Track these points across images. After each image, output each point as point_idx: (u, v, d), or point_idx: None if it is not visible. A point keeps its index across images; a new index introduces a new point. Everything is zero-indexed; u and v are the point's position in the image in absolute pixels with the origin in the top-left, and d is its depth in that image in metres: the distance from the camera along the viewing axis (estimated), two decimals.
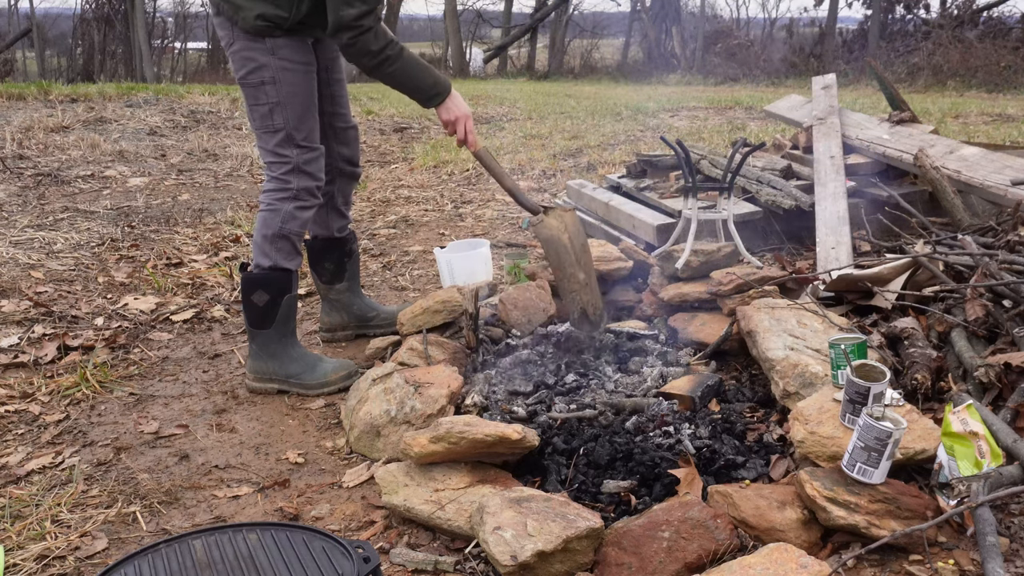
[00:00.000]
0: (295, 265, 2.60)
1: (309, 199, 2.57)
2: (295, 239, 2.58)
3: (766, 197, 3.62)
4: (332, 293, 3.00)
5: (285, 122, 2.48)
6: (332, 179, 2.79)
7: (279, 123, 2.48)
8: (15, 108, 7.96)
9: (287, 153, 2.51)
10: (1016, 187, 3.24)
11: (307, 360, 2.66)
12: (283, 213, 2.53)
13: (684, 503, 1.77)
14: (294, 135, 2.50)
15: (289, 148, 2.51)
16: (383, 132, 8.42)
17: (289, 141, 2.50)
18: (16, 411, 2.54)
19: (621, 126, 8.00)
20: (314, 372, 2.64)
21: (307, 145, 2.53)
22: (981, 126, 7.16)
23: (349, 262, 2.97)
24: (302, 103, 2.49)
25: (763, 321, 2.47)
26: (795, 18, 19.65)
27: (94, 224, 4.59)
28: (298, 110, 2.49)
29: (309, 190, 2.56)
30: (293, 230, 2.56)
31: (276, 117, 2.48)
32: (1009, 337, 2.25)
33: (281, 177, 2.53)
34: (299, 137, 2.51)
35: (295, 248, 2.59)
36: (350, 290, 3.01)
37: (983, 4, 15.42)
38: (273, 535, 1.49)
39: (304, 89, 2.49)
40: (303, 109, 2.50)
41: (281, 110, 2.47)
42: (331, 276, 2.96)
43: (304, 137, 2.52)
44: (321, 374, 2.64)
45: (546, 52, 23.16)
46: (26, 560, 1.81)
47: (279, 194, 2.53)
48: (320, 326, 3.08)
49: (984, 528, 1.63)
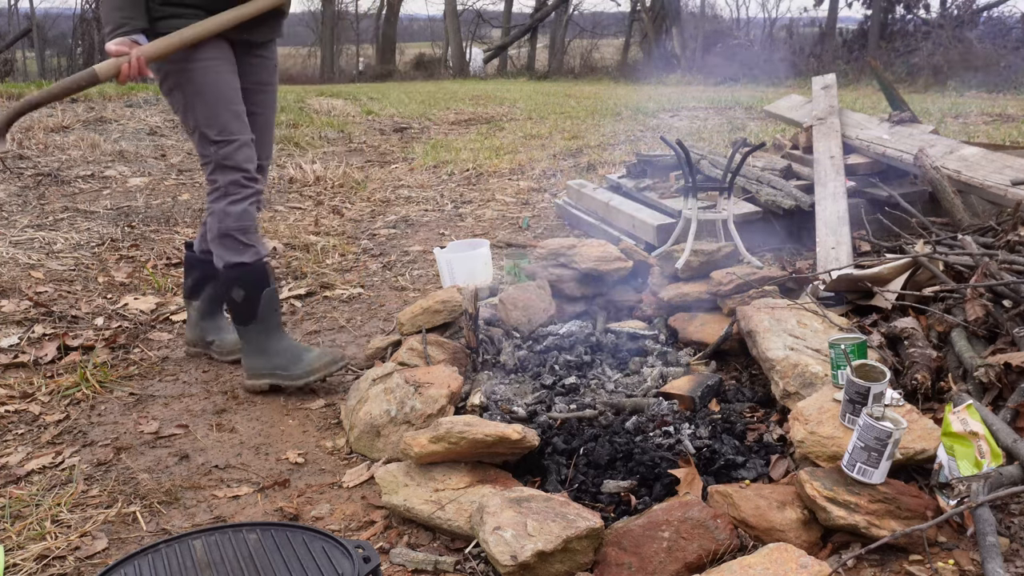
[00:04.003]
0: (249, 258, 2.55)
1: (239, 191, 2.52)
2: (237, 234, 2.53)
3: (766, 197, 3.62)
4: (188, 307, 2.96)
5: (196, 122, 2.47)
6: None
7: (192, 124, 2.48)
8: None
9: (207, 152, 2.50)
10: (1016, 187, 3.24)
11: (292, 352, 2.64)
12: (218, 213, 2.51)
13: (684, 503, 1.77)
14: (207, 132, 2.47)
15: (207, 146, 2.49)
16: (383, 132, 8.42)
17: (204, 140, 2.48)
18: (16, 411, 2.54)
19: (621, 126, 8.00)
20: (299, 363, 2.62)
21: (222, 139, 2.48)
22: (981, 126, 7.16)
23: (209, 285, 2.87)
24: (209, 98, 2.45)
25: (763, 321, 2.47)
26: (795, 18, 19.67)
27: (94, 224, 4.59)
28: (206, 106, 2.46)
29: (236, 182, 2.51)
30: (231, 227, 2.52)
31: (189, 119, 2.48)
32: (1009, 337, 2.25)
33: (209, 178, 2.53)
34: (212, 133, 2.48)
35: (241, 242, 2.54)
36: (200, 310, 2.93)
37: (983, 4, 15.42)
38: (273, 535, 1.49)
39: (210, 81, 2.44)
40: (211, 103, 2.46)
41: (191, 111, 2.46)
42: (189, 291, 2.92)
43: (218, 132, 2.48)
44: (306, 364, 2.61)
45: (546, 52, 23.17)
46: (26, 560, 1.81)
47: (212, 195, 2.53)
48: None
49: (984, 528, 1.63)
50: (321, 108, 9.56)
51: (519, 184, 5.68)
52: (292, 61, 26.68)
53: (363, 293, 3.63)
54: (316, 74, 23.82)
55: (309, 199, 5.45)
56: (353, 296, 3.58)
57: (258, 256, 2.58)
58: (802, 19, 19.48)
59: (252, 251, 2.56)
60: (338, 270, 3.96)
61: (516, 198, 5.32)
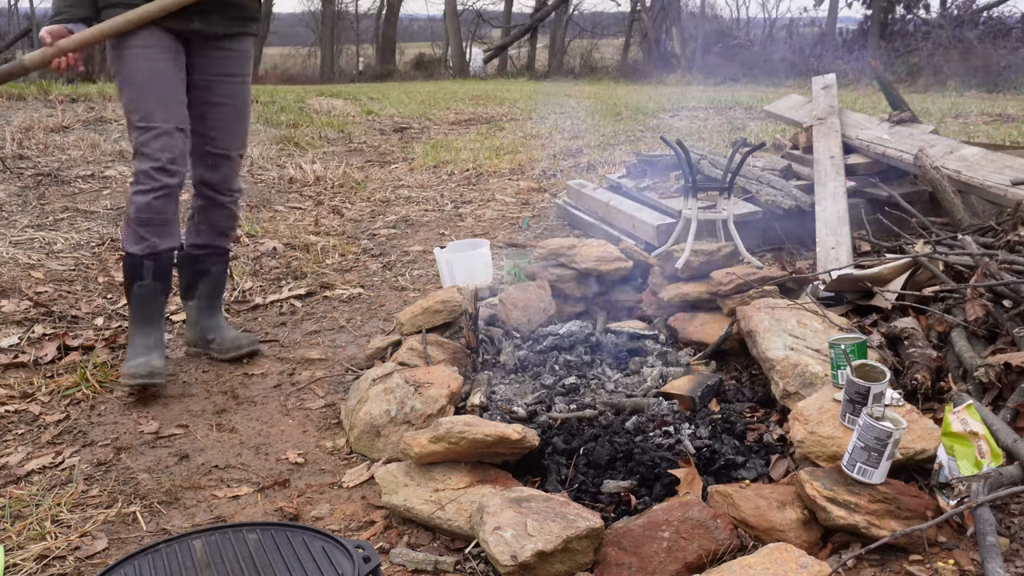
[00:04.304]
0: (140, 251, 2.55)
1: (146, 182, 2.49)
2: (134, 225, 2.52)
3: (766, 197, 3.62)
4: (185, 307, 2.97)
5: (126, 108, 2.48)
6: (198, 198, 2.79)
7: (124, 111, 2.50)
8: (15, 108, 7.96)
9: (132, 139, 2.51)
10: (1016, 187, 3.23)
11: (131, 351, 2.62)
12: (128, 199, 2.53)
13: (684, 503, 1.77)
14: (132, 118, 2.48)
15: (132, 133, 2.49)
16: (383, 132, 8.42)
17: (130, 126, 2.49)
18: (16, 411, 2.54)
19: (621, 126, 8.00)
20: (126, 363, 2.60)
21: (143, 125, 2.47)
22: (981, 126, 7.16)
23: (202, 281, 2.88)
24: (135, 84, 2.46)
25: (763, 321, 2.47)
26: (795, 18, 19.68)
27: (94, 224, 4.59)
28: (132, 92, 2.46)
29: (145, 172, 2.49)
30: (132, 215, 2.52)
31: (122, 104, 2.50)
32: (1009, 337, 2.25)
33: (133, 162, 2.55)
34: (135, 119, 2.47)
35: (136, 235, 2.54)
36: (198, 308, 2.92)
37: (983, 4, 15.43)
38: (273, 535, 1.49)
39: (138, 68, 2.44)
40: (137, 90, 2.46)
41: (122, 97, 2.48)
42: (184, 290, 2.92)
43: (140, 117, 2.47)
44: (126, 367, 2.59)
45: (546, 52, 23.17)
46: (26, 560, 1.81)
47: (132, 185, 2.54)
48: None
49: (984, 528, 1.63)
50: (321, 108, 9.56)
51: (519, 184, 5.68)
52: (292, 61, 26.69)
53: (363, 293, 3.63)
54: (316, 74, 23.82)
55: (309, 199, 5.45)
56: (353, 296, 3.58)
57: (151, 250, 2.56)
58: (802, 19, 19.51)
59: (145, 244, 2.55)
60: (338, 270, 3.96)
61: (516, 198, 5.32)
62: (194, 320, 2.94)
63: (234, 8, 2.59)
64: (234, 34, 2.63)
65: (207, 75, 2.62)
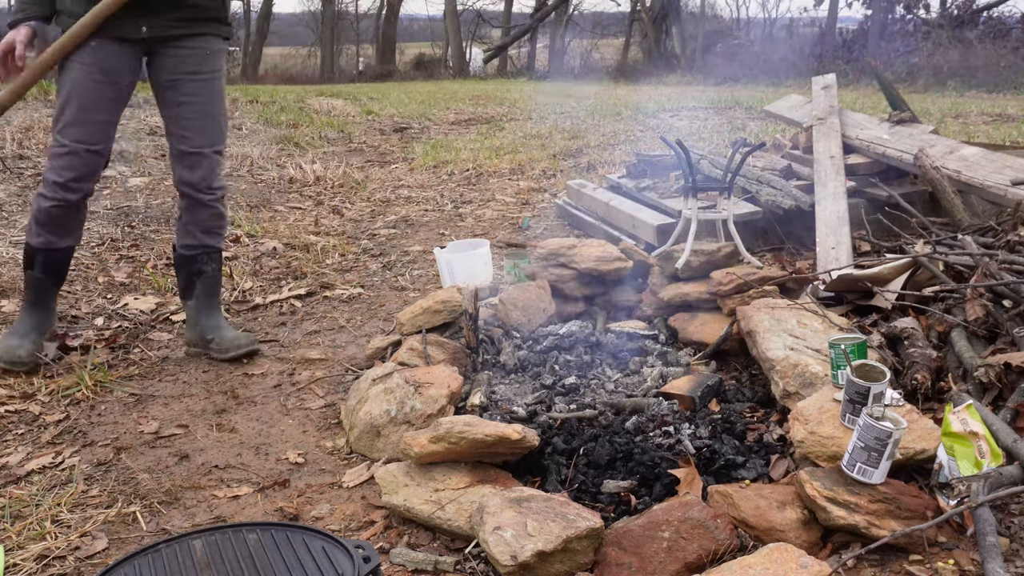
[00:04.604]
0: (37, 244, 2.66)
1: (48, 191, 2.59)
2: (34, 222, 2.64)
3: (766, 197, 3.62)
4: (185, 308, 2.99)
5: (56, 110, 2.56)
6: (182, 198, 2.84)
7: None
8: (15, 108, 7.95)
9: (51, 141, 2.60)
10: (1016, 187, 3.24)
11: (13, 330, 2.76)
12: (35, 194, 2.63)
13: (684, 503, 1.77)
14: (56, 124, 2.56)
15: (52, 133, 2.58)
16: (383, 132, 8.42)
17: (54, 128, 2.57)
18: (16, 411, 2.54)
19: (621, 126, 8.00)
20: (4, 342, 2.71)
21: (57, 139, 2.56)
22: (981, 126, 7.16)
23: (199, 281, 2.89)
24: (65, 95, 2.53)
25: (763, 321, 2.47)
26: (795, 18, 19.68)
27: (94, 224, 4.59)
28: (60, 101, 2.54)
29: (48, 183, 2.59)
30: (33, 211, 2.63)
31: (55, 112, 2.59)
32: (1009, 337, 2.25)
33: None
34: (55, 128, 2.56)
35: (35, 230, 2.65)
36: (197, 308, 2.93)
37: (983, 4, 15.43)
38: (273, 535, 1.49)
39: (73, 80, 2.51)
40: (64, 101, 2.53)
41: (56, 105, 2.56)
42: (183, 290, 2.96)
43: (58, 130, 2.55)
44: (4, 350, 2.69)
45: (546, 52, 23.18)
46: (26, 560, 1.81)
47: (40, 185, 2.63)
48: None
49: (984, 528, 1.63)
50: (321, 108, 9.56)
51: (519, 184, 5.68)
52: (292, 61, 26.71)
53: (363, 293, 3.63)
54: (316, 74, 23.83)
55: (309, 199, 5.45)
56: (353, 296, 3.58)
57: (48, 246, 2.67)
58: (802, 19, 19.52)
59: (43, 240, 2.67)
60: (338, 270, 3.96)
61: (516, 198, 5.32)
62: (194, 320, 2.94)
63: (189, 9, 2.60)
64: (191, 35, 2.64)
65: (173, 75, 2.65)
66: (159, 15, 2.55)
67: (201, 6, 2.63)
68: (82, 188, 2.62)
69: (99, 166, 2.65)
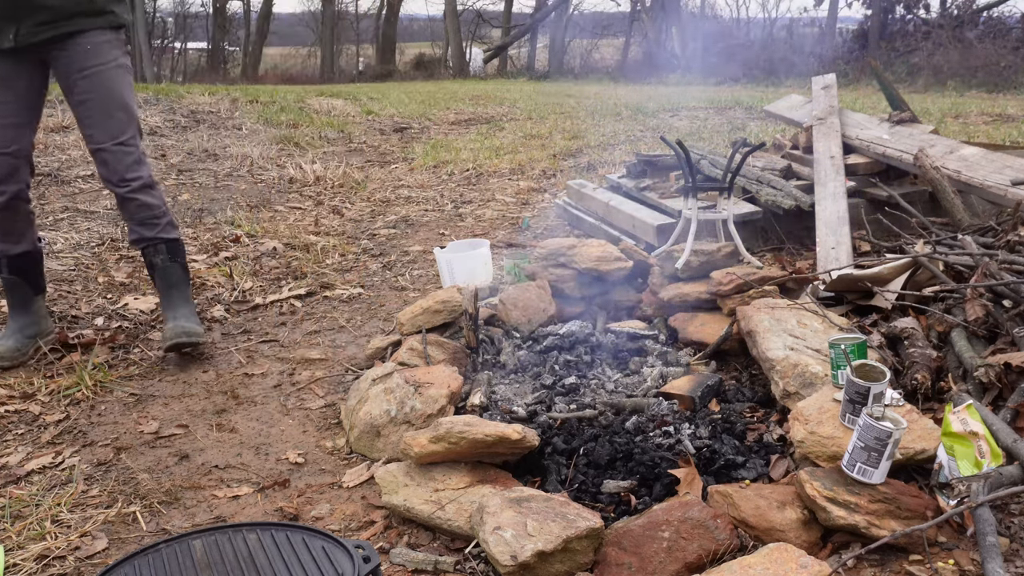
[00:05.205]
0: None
1: None
2: None
3: (766, 197, 3.62)
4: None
5: None
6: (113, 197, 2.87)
7: None
8: None
9: None
10: (1016, 187, 3.24)
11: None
12: None
13: (684, 503, 1.77)
14: None
15: None
16: (383, 132, 8.42)
17: None
18: (16, 411, 2.54)
19: (621, 126, 8.00)
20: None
21: None
22: (981, 126, 7.16)
23: (154, 274, 2.92)
24: None
25: (763, 321, 2.47)
26: (795, 18, 19.67)
27: (94, 224, 4.59)
28: None
29: None
30: None
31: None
32: (1009, 337, 2.25)
33: None
34: None
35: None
36: (161, 300, 3.00)
37: (983, 4, 15.42)
38: (273, 535, 1.49)
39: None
40: None
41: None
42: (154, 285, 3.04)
43: None
44: None
45: (546, 52, 23.18)
46: (26, 560, 1.81)
47: None
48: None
49: (984, 528, 1.63)
50: (321, 108, 9.56)
51: (519, 184, 5.68)
52: (292, 61, 26.72)
53: (363, 293, 3.63)
54: (316, 74, 23.84)
55: (309, 199, 5.45)
56: (353, 296, 3.58)
57: (2, 253, 2.78)
58: (802, 19, 19.49)
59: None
60: (338, 270, 3.96)
61: (516, 198, 5.32)
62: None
63: (47, 11, 2.58)
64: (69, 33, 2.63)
65: (66, 77, 2.68)
66: (22, 22, 2.55)
67: (59, 6, 2.59)
68: (5, 190, 2.65)
69: (16, 168, 2.68)
